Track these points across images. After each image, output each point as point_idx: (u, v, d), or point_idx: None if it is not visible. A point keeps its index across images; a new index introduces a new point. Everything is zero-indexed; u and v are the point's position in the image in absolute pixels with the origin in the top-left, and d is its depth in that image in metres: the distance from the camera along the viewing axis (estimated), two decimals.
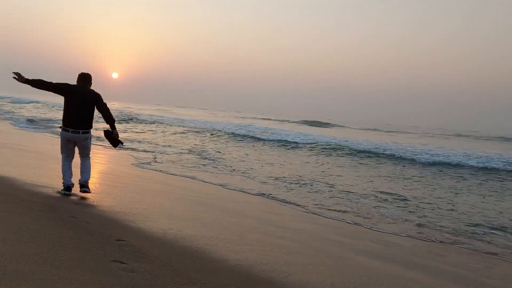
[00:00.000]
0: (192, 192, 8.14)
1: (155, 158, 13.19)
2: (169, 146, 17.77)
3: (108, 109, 5.50)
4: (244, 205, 7.66)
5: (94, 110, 5.45)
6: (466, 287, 4.60)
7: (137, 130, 25.06)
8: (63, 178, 5.56)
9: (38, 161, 8.92)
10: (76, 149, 5.63)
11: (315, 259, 4.53)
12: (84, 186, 5.51)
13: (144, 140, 19.42)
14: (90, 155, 5.71)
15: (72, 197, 5.49)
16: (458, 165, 16.73)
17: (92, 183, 6.86)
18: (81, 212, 4.76)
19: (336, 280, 3.83)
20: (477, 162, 16.76)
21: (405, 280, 4.33)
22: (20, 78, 5.13)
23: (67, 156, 5.57)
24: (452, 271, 5.10)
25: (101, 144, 14.10)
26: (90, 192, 5.57)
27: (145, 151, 14.94)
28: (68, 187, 5.47)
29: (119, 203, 5.61)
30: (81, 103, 5.31)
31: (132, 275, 3.02)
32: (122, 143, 5.79)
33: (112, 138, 5.63)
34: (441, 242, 6.81)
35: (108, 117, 5.48)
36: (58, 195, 5.49)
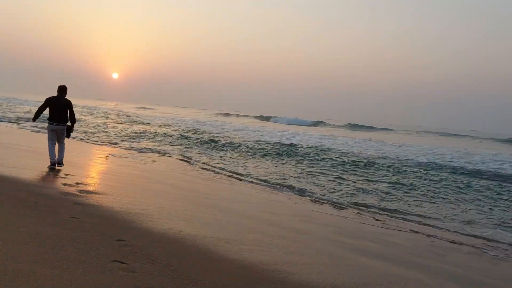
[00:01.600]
0: (192, 192, 8.14)
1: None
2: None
3: (74, 114, 8.39)
4: (244, 205, 7.66)
5: (67, 111, 8.23)
6: (467, 286, 4.61)
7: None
8: (49, 156, 8.01)
9: (38, 161, 8.92)
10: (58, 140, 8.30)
11: (315, 259, 4.53)
12: (59, 163, 8.03)
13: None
14: (65, 142, 8.31)
15: (72, 197, 5.50)
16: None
17: (92, 183, 6.89)
18: (81, 212, 4.76)
19: (336, 280, 3.84)
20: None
21: (405, 279, 4.33)
22: (34, 119, 8.36)
23: (52, 141, 8.13)
24: (452, 271, 5.10)
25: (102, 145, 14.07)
26: (63, 165, 8.04)
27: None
28: (53, 163, 7.98)
29: (119, 203, 5.61)
30: (61, 108, 8.13)
31: (133, 275, 3.02)
32: (69, 136, 8.55)
33: (69, 132, 8.39)
34: (441, 240, 6.82)
35: (72, 119, 8.38)
36: (59, 195, 5.50)
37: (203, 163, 14.48)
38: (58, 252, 3.21)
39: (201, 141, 21.40)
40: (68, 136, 8.41)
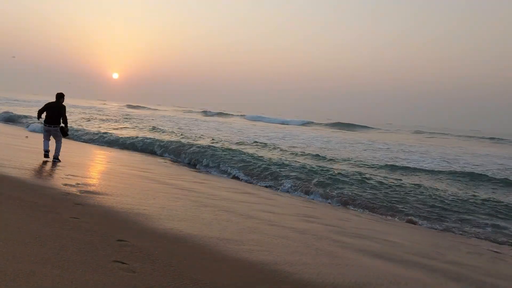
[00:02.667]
0: (192, 192, 8.14)
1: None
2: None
3: (66, 116, 9.65)
4: (245, 205, 7.66)
5: (61, 115, 9.53)
6: (468, 286, 4.60)
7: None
8: (43, 148, 9.44)
9: (39, 161, 8.93)
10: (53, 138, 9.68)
11: (316, 259, 4.53)
12: (55, 158, 9.28)
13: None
14: (61, 141, 9.53)
15: (73, 198, 5.50)
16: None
17: (93, 184, 6.90)
18: (81, 212, 4.77)
19: (336, 280, 3.83)
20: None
21: (405, 279, 4.33)
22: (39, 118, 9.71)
23: (46, 138, 9.59)
24: (453, 270, 5.09)
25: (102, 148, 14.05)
26: (60, 161, 9.18)
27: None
28: (46, 151, 9.40)
29: (120, 203, 5.62)
30: (55, 113, 9.50)
31: (133, 275, 3.02)
32: (68, 134, 9.89)
33: (64, 131, 9.62)
34: (441, 239, 6.81)
35: (64, 120, 9.64)
36: (59, 195, 5.50)
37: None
38: (58, 252, 3.21)
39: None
40: (65, 135, 9.64)
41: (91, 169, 9.65)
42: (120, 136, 20.12)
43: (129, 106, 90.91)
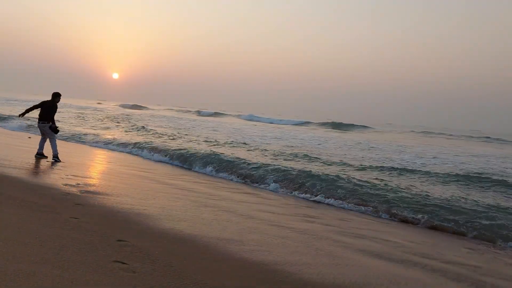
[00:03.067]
0: (192, 192, 8.14)
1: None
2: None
3: (53, 115, 9.92)
4: (245, 205, 7.66)
5: (52, 113, 9.88)
6: (468, 286, 4.60)
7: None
8: (38, 148, 9.79)
9: (39, 162, 8.93)
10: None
11: (316, 259, 4.53)
12: (55, 157, 9.37)
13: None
14: (54, 138, 9.69)
15: (73, 198, 5.50)
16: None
17: (93, 184, 6.89)
18: (82, 212, 4.77)
19: (337, 280, 3.83)
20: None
21: (406, 279, 4.33)
22: (22, 114, 10.06)
23: (42, 136, 9.95)
24: (454, 270, 5.09)
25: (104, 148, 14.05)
26: (60, 161, 9.28)
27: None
28: (39, 153, 9.73)
29: (120, 203, 5.62)
30: (48, 111, 9.79)
31: (133, 276, 3.02)
32: (58, 131, 10.05)
33: (53, 129, 9.85)
34: (441, 239, 6.80)
35: (51, 119, 9.91)
36: (59, 195, 5.50)
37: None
38: (58, 252, 3.21)
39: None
40: (55, 132, 9.84)
41: (91, 169, 9.64)
42: (103, 137, 19.10)
43: (126, 106, 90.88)
